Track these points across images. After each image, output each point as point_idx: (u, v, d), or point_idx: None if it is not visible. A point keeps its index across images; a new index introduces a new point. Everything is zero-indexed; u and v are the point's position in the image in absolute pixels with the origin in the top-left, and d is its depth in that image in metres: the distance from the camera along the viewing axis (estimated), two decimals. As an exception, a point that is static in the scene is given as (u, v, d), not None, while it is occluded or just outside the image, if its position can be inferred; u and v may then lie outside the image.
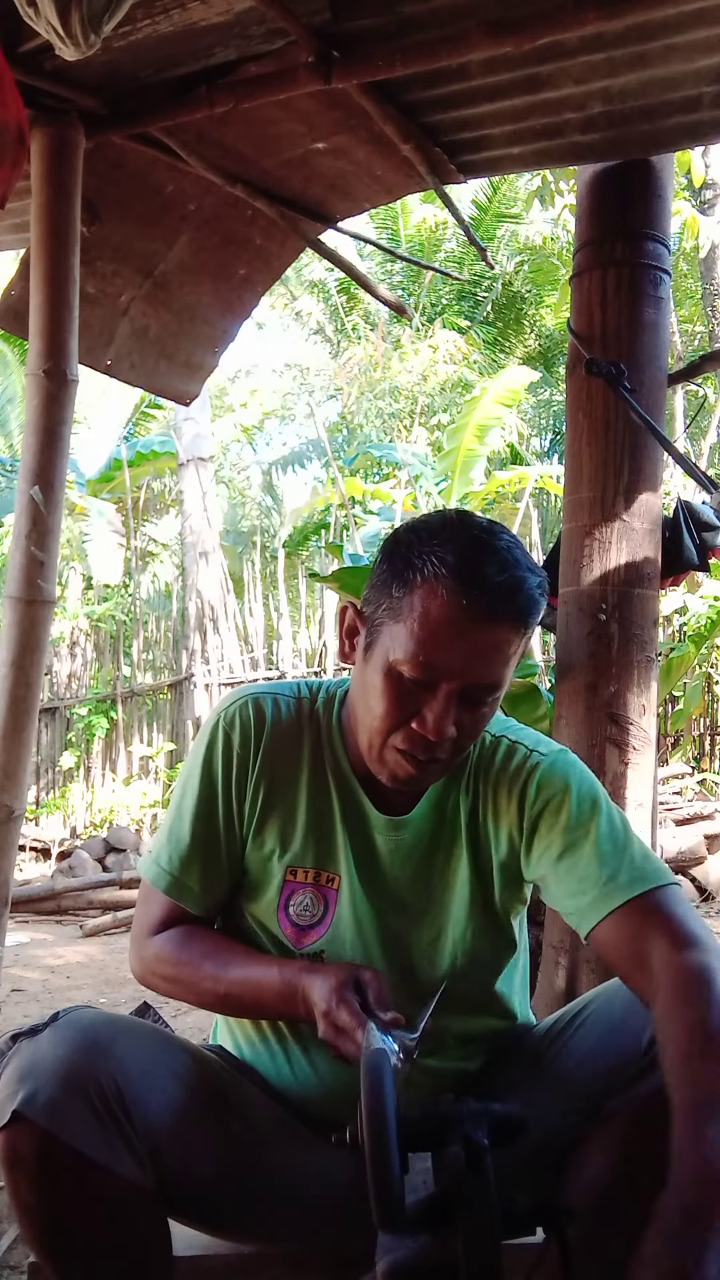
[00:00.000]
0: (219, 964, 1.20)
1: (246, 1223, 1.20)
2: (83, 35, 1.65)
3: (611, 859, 1.14)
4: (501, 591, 1.07)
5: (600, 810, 1.19)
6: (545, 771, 1.22)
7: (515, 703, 3.29)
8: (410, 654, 1.08)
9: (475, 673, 1.09)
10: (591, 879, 1.13)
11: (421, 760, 1.13)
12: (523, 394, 9.29)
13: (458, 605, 1.07)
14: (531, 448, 12.83)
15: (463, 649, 1.08)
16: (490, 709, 1.14)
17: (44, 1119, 0.98)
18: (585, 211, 2.63)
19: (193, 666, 8.59)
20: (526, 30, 1.89)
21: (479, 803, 1.24)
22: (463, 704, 1.10)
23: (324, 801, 1.24)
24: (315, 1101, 1.23)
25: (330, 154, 2.51)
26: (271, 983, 1.15)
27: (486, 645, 1.09)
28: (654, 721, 2.54)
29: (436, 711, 1.09)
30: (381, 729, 1.13)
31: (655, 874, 1.13)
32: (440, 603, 1.07)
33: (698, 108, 2.21)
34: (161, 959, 1.25)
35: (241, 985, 1.18)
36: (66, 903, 5.71)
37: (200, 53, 2.12)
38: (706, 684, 7.19)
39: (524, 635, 1.12)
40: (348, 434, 12.90)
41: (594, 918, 1.12)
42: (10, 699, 2.18)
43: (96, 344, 2.88)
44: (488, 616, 1.07)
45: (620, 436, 2.49)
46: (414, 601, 1.09)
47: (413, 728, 1.11)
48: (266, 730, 1.24)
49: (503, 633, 1.09)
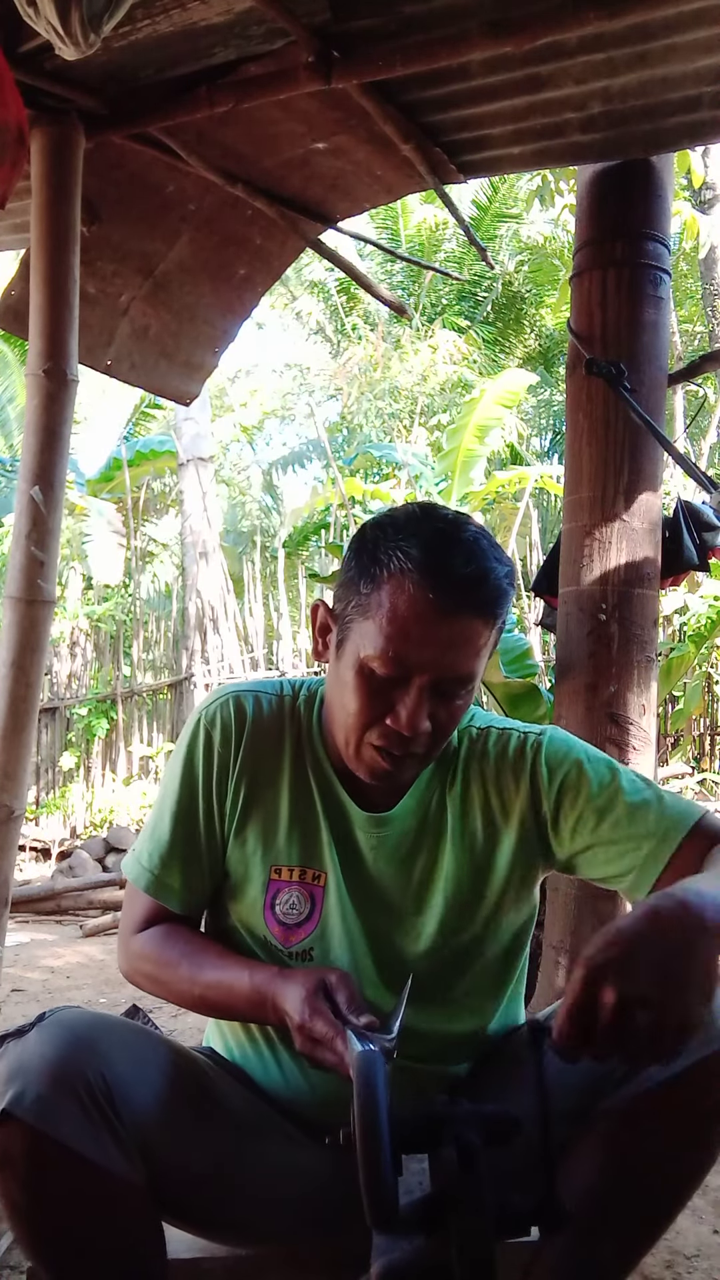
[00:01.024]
0: (194, 965, 1.20)
1: (238, 1223, 1.20)
2: (83, 35, 1.65)
3: (651, 808, 1.16)
4: (468, 583, 1.07)
5: (617, 770, 1.20)
6: (550, 750, 1.22)
7: (515, 703, 3.30)
8: (380, 650, 1.08)
9: (446, 666, 1.09)
10: (641, 832, 1.15)
11: (397, 755, 1.13)
12: (523, 394, 9.29)
13: (425, 599, 1.06)
14: (531, 448, 12.83)
15: (432, 642, 1.08)
16: (464, 701, 1.14)
17: (33, 1117, 0.98)
18: (585, 211, 2.63)
19: (193, 666, 8.59)
20: (526, 30, 1.89)
21: (473, 796, 1.23)
22: (436, 697, 1.10)
23: (306, 799, 1.24)
24: (306, 1105, 1.22)
25: (330, 154, 2.52)
26: (242, 988, 1.15)
27: (456, 638, 1.09)
28: (654, 721, 2.54)
29: (409, 706, 1.09)
30: (356, 725, 1.13)
31: (689, 808, 1.16)
32: (407, 597, 1.07)
33: (698, 108, 2.21)
34: (143, 957, 1.25)
35: (215, 989, 1.18)
36: (66, 903, 5.70)
37: (200, 53, 2.12)
38: (706, 684, 7.19)
39: (494, 626, 1.12)
40: (348, 434, 12.89)
41: (655, 870, 1.14)
42: (10, 699, 2.18)
43: (96, 344, 2.88)
44: (455, 609, 1.07)
45: (620, 436, 2.49)
46: (381, 597, 1.09)
47: (387, 723, 1.11)
48: (248, 728, 1.24)
49: (472, 624, 1.09)
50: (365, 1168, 0.79)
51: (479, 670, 1.12)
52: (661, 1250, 1.84)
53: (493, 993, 1.27)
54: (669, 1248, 1.84)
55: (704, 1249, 1.85)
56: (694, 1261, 1.81)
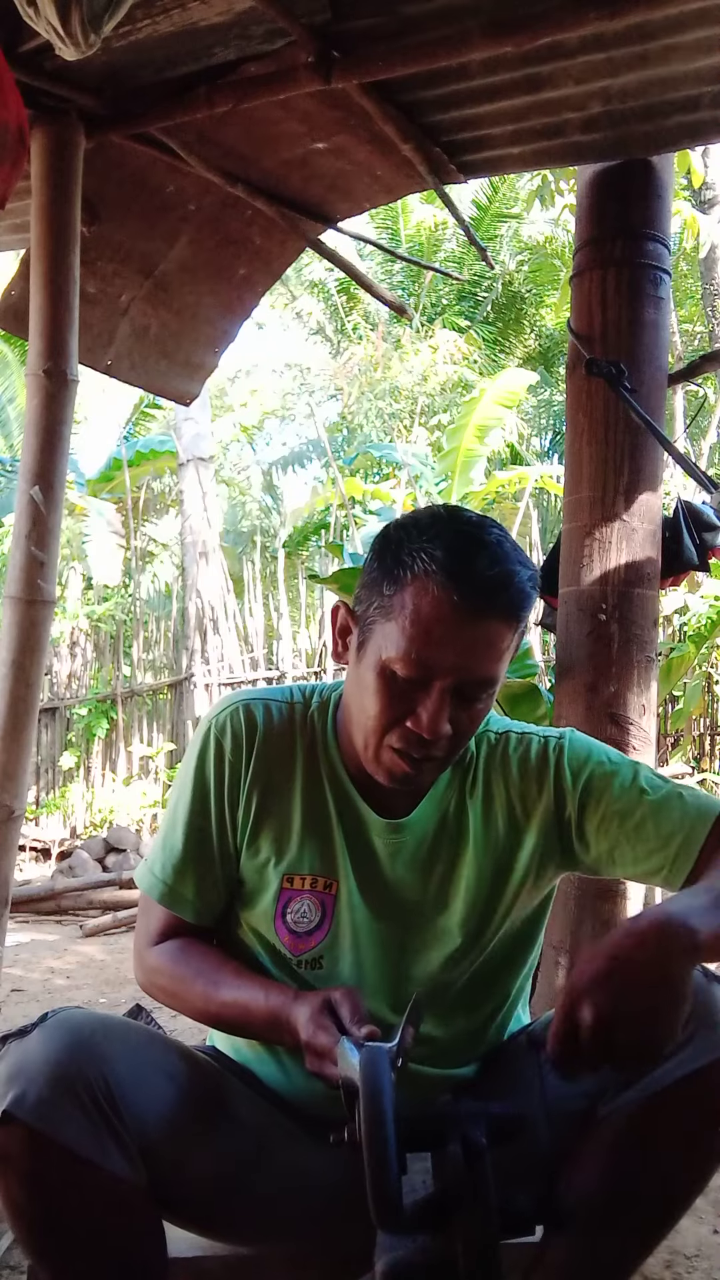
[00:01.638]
0: (210, 983, 1.20)
1: (241, 1223, 1.20)
2: (83, 35, 1.65)
3: (674, 805, 1.16)
4: (492, 586, 1.07)
5: (637, 768, 1.21)
6: (571, 752, 1.22)
7: (515, 703, 3.29)
8: (403, 652, 1.08)
9: (469, 669, 1.09)
10: (669, 828, 1.15)
11: (417, 759, 1.12)
12: (523, 394, 9.28)
13: (449, 601, 1.06)
14: (531, 448, 12.81)
15: (455, 645, 1.07)
16: (486, 705, 1.14)
17: (34, 1118, 0.98)
18: (585, 211, 2.63)
19: (193, 666, 8.58)
20: (526, 30, 1.89)
21: (495, 800, 1.23)
22: (457, 700, 1.10)
23: (320, 807, 1.23)
24: (311, 1104, 1.22)
25: (330, 154, 2.51)
26: (259, 1009, 1.15)
27: (479, 640, 1.08)
28: (654, 721, 2.54)
29: (431, 709, 1.08)
30: (376, 728, 1.12)
31: (710, 799, 1.16)
32: (431, 599, 1.06)
33: (698, 108, 2.21)
34: (159, 971, 1.25)
35: (231, 1008, 1.18)
36: (66, 903, 5.70)
37: (200, 53, 2.12)
38: (706, 684, 7.18)
39: (516, 629, 1.12)
40: (348, 434, 12.89)
41: (687, 863, 1.14)
42: (10, 699, 2.18)
43: (96, 344, 2.88)
44: (479, 611, 1.07)
45: (620, 436, 2.49)
46: (405, 599, 1.08)
47: (408, 726, 1.10)
48: (259, 737, 1.23)
49: (495, 627, 1.09)
50: (370, 1166, 0.79)
51: (500, 674, 1.12)
52: (661, 1250, 1.84)
53: (501, 995, 1.28)
54: (669, 1248, 1.85)
55: (704, 1249, 1.85)
56: (694, 1261, 1.81)
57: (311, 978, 1.21)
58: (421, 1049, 1.17)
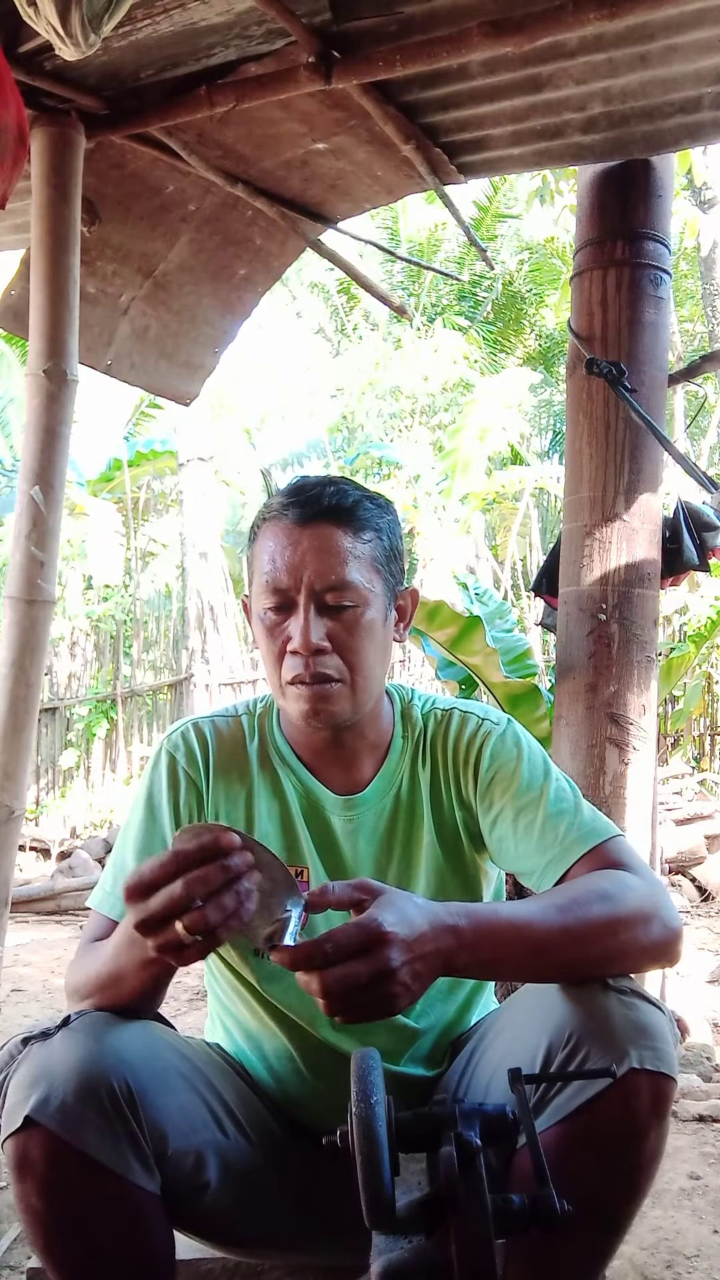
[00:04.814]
0: (94, 952, 1.15)
1: (241, 1229, 1.20)
2: (83, 35, 1.65)
3: (566, 819, 1.17)
4: (317, 495, 1.17)
5: (550, 776, 1.23)
6: (497, 740, 1.26)
7: (515, 703, 3.29)
8: (262, 586, 1.18)
9: (316, 575, 1.15)
10: (550, 839, 1.16)
11: (309, 683, 1.16)
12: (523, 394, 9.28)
13: (283, 523, 1.18)
14: (531, 448, 12.81)
15: (297, 555, 1.16)
16: (356, 617, 1.17)
17: (56, 1124, 0.98)
18: (586, 211, 2.63)
19: (193, 666, 8.59)
20: (526, 30, 1.89)
21: (439, 771, 1.28)
22: (323, 613, 1.16)
23: (279, 796, 1.27)
24: (304, 1104, 1.23)
25: (330, 154, 2.51)
26: (118, 937, 1.09)
27: (316, 547, 1.16)
28: (654, 721, 2.54)
29: (300, 624, 1.15)
30: (274, 668, 1.19)
31: (605, 828, 1.18)
32: (270, 530, 1.19)
33: (698, 108, 2.21)
34: (70, 969, 1.19)
35: (110, 960, 1.11)
36: (66, 903, 5.70)
37: (200, 53, 2.12)
38: (706, 684, 7.18)
39: (357, 535, 1.17)
40: (348, 434, 12.88)
41: (555, 874, 1.15)
42: (10, 699, 2.17)
43: (96, 344, 2.88)
44: (308, 519, 1.17)
45: (620, 436, 2.49)
46: (257, 548, 1.21)
47: (291, 651, 1.16)
48: (211, 748, 1.28)
49: (327, 529, 1.16)
50: (364, 1168, 0.79)
51: (354, 579, 1.17)
52: (662, 1250, 1.84)
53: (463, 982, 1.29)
54: (669, 1248, 1.84)
55: (704, 1249, 1.85)
56: (694, 1261, 1.81)
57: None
58: (405, 1048, 1.20)
